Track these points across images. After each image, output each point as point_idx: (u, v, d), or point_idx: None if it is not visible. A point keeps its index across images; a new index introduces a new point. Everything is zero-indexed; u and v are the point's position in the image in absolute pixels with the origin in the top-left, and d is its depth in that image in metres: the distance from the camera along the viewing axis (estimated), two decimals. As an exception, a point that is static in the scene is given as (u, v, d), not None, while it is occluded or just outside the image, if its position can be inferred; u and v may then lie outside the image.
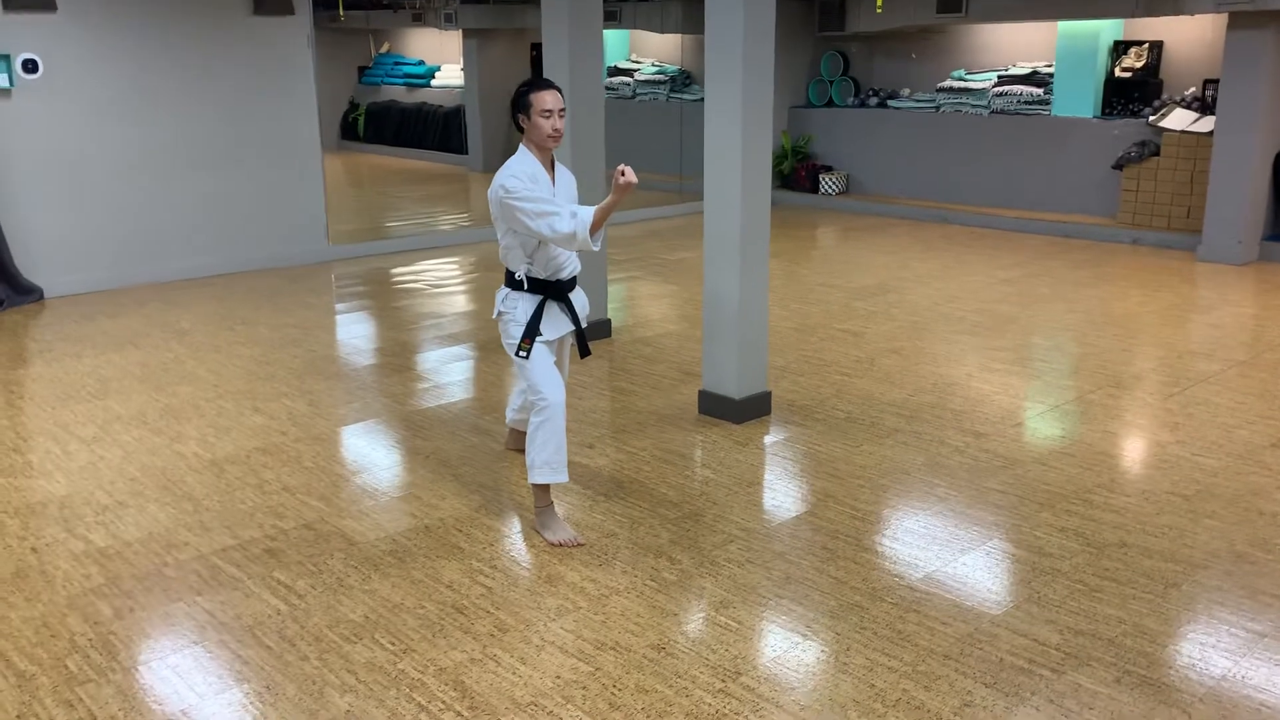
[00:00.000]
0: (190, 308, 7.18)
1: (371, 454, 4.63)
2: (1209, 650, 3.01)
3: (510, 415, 4.45)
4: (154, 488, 4.21)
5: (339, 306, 7.49)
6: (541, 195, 3.61)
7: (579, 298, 3.96)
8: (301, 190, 8.58)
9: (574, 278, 3.91)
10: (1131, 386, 5.40)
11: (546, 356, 3.77)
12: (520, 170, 3.67)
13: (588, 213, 3.56)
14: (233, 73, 8.10)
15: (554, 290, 3.81)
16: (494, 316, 3.89)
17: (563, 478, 3.77)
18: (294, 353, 6.10)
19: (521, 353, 3.73)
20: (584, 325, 3.96)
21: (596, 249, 3.61)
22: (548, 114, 3.65)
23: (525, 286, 3.77)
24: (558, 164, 3.87)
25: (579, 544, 3.68)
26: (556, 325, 3.83)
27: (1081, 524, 3.81)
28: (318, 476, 4.32)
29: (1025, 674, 2.89)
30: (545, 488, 3.80)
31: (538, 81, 3.72)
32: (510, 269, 3.79)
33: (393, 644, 3.08)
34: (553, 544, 3.69)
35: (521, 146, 3.76)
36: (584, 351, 4.01)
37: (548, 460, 3.74)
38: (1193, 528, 3.77)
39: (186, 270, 8.07)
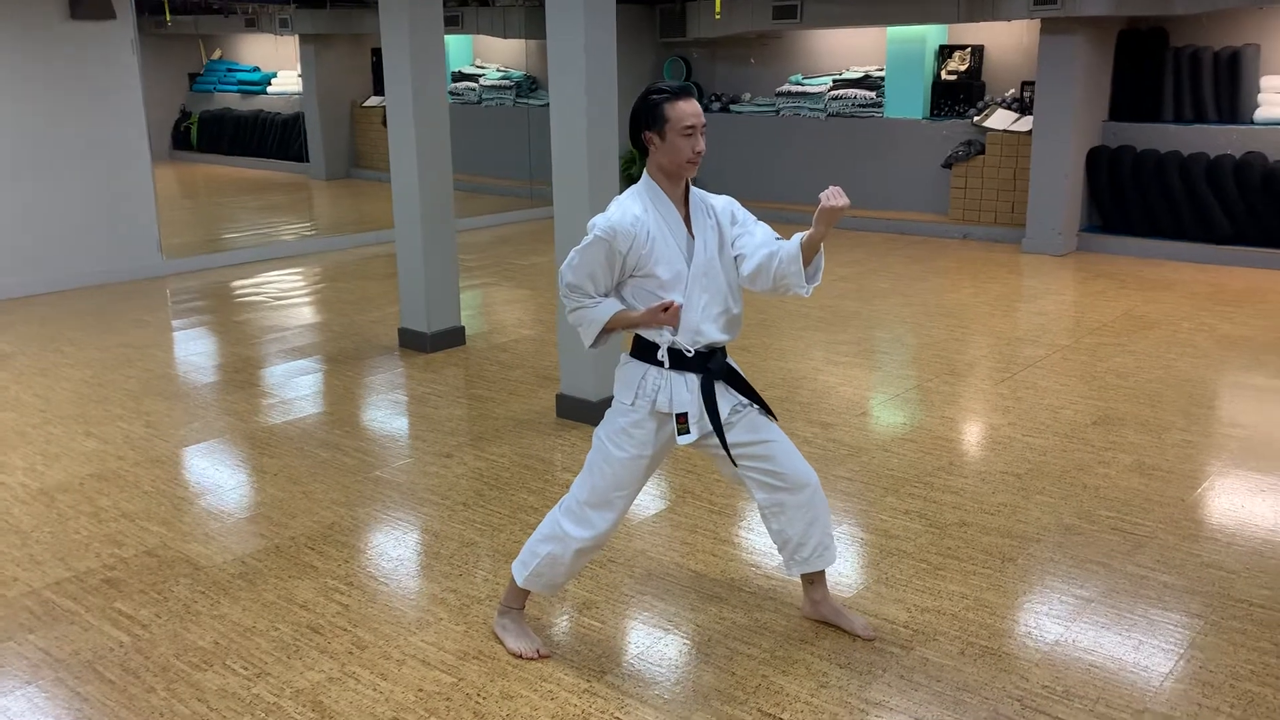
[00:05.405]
0: (11, 329, 6.75)
1: (216, 475, 4.45)
2: (1043, 618, 3.20)
3: (793, 564, 3.08)
4: (-24, 522, 3.95)
5: (176, 323, 7.17)
6: (589, 267, 2.79)
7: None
8: (130, 202, 8.19)
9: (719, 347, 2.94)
10: (966, 374, 5.68)
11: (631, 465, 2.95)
12: (617, 218, 2.75)
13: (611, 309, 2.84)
14: (50, 80, 7.66)
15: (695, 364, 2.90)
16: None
17: (547, 593, 3.08)
18: (128, 373, 5.81)
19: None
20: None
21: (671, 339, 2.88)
22: (689, 132, 2.75)
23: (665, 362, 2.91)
24: (695, 193, 2.90)
25: (543, 657, 2.99)
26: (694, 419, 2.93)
27: (924, 506, 3.99)
28: (158, 501, 4.14)
29: (877, 652, 3.01)
30: (524, 591, 3.08)
31: (670, 89, 2.77)
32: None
33: (245, 669, 2.97)
34: (511, 652, 3.01)
35: (644, 177, 2.84)
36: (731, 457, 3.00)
37: (543, 573, 2.98)
38: (1025, 504, 4.00)
39: (6, 289, 7.59)
